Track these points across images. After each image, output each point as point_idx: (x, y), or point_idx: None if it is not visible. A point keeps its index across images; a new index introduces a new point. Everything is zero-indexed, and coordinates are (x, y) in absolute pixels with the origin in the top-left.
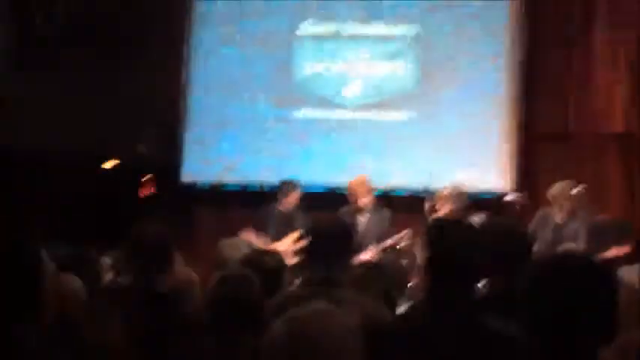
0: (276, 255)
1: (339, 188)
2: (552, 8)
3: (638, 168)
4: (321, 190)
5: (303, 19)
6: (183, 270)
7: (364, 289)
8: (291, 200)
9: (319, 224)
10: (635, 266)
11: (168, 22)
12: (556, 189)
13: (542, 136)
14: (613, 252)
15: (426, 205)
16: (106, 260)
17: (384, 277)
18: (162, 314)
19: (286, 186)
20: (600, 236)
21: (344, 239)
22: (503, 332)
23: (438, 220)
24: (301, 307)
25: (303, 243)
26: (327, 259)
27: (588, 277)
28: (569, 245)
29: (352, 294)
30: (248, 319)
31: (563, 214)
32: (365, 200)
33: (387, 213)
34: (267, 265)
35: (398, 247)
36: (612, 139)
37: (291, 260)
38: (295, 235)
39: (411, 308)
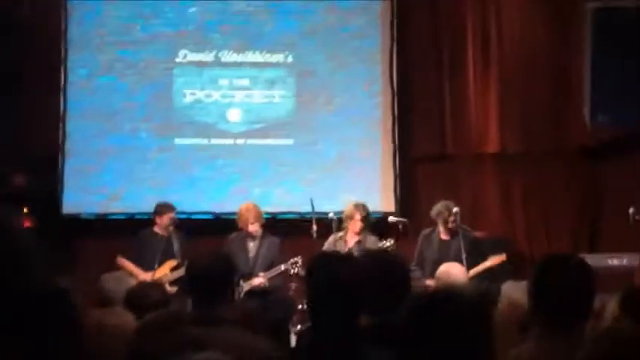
0: (160, 287)
1: (224, 214)
2: (424, 33)
3: (514, 186)
4: (206, 217)
5: (182, 47)
6: None
7: (250, 326)
8: (166, 221)
9: (198, 261)
10: (521, 283)
11: (44, 50)
12: (438, 208)
13: (420, 158)
14: (490, 262)
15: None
16: None
17: (271, 309)
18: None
19: (160, 207)
20: (479, 250)
21: (224, 276)
22: None
23: (320, 253)
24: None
25: (180, 272)
26: (209, 297)
27: (460, 311)
28: (453, 261)
29: (237, 332)
30: None
31: (446, 232)
32: (254, 227)
33: (276, 240)
34: (152, 299)
35: (289, 274)
36: (488, 159)
37: (169, 289)
38: (172, 262)
39: (297, 338)
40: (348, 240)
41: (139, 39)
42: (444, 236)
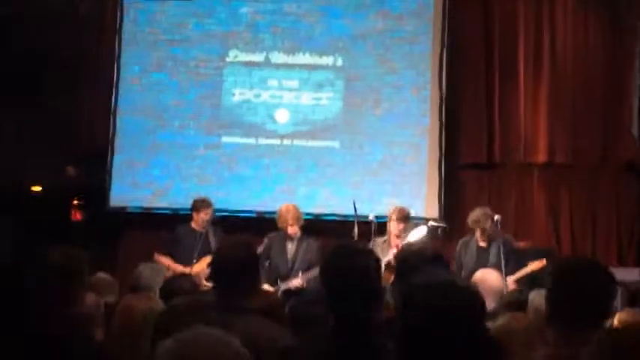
0: (190, 279)
1: (268, 213)
2: (475, 39)
3: (560, 197)
4: (250, 215)
5: (233, 46)
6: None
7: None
8: (202, 217)
9: (223, 250)
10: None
11: (98, 46)
12: (475, 215)
13: (466, 166)
14: (529, 267)
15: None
16: None
17: (304, 305)
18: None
19: (197, 203)
20: (518, 258)
21: (248, 266)
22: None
23: (336, 247)
24: (189, 330)
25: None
26: (232, 286)
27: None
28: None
29: (258, 321)
30: None
31: (484, 239)
32: (293, 229)
33: (314, 242)
34: (183, 290)
35: None
36: (535, 169)
37: (205, 282)
38: (209, 258)
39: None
40: (392, 243)
41: (191, 37)
42: (481, 243)
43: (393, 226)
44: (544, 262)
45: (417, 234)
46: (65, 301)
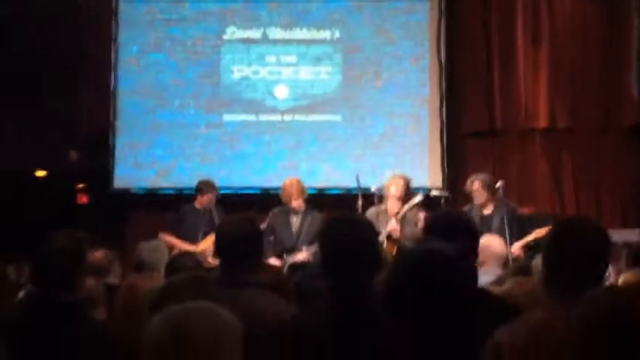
0: (194, 257)
1: (272, 189)
2: (473, 7)
3: (563, 162)
4: (254, 192)
5: (230, 24)
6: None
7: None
8: (206, 200)
9: (226, 225)
10: None
11: (95, 28)
12: (468, 181)
13: (468, 134)
14: (534, 234)
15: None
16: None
17: (310, 278)
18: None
19: (202, 185)
20: (522, 225)
21: (251, 240)
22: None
23: (333, 218)
24: (180, 304)
25: None
26: (235, 261)
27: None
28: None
29: (261, 295)
30: None
31: (488, 206)
32: (297, 202)
33: (318, 215)
34: (187, 267)
35: None
36: (537, 135)
37: (211, 260)
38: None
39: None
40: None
41: (188, 16)
42: (485, 211)
43: (392, 190)
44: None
45: (412, 202)
46: (66, 285)
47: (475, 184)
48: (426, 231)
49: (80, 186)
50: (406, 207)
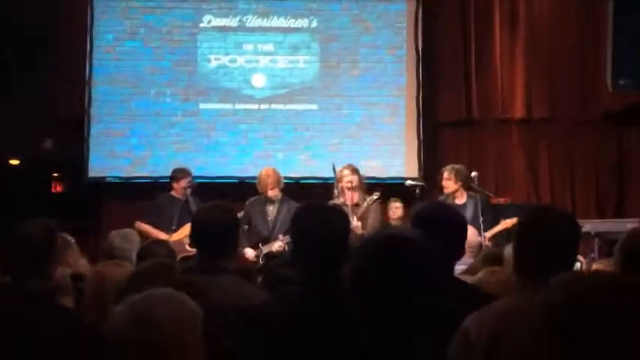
0: (166, 245)
1: (248, 178)
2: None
3: (539, 152)
4: (230, 182)
5: (206, 12)
6: (75, 264)
7: (249, 277)
8: (182, 185)
9: (202, 213)
10: None
11: (70, 15)
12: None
13: (445, 124)
14: (502, 225)
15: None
16: None
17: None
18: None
19: (176, 173)
20: (496, 214)
21: (227, 228)
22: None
23: (305, 205)
24: (144, 292)
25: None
26: (212, 248)
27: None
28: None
29: (236, 282)
30: None
31: (461, 196)
32: (273, 192)
33: (295, 205)
34: (158, 256)
35: None
36: (514, 125)
37: (187, 249)
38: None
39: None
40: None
41: (164, 4)
42: (458, 201)
43: (347, 179)
44: (516, 220)
45: (370, 199)
46: (37, 273)
47: (445, 174)
48: (414, 223)
49: (55, 175)
50: (365, 204)
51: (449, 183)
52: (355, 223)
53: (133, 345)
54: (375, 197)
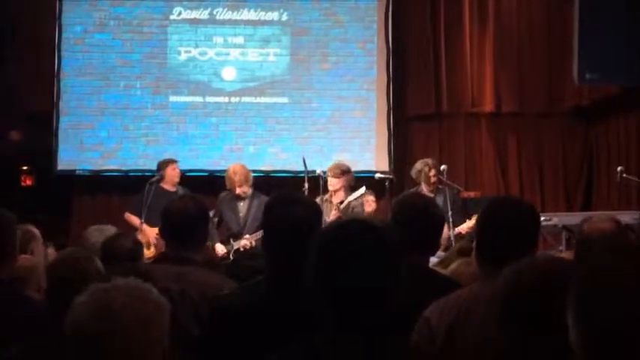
0: (132, 237)
1: (218, 171)
2: None
3: (508, 146)
4: (201, 175)
5: (176, 4)
6: (27, 256)
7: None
8: (171, 172)
9: (172, 204)
10: None
11: (37, 6)
12: (417, 167)
13: (415, 117)
14: (473, 220)
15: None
16: None
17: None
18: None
19: (162, 163)
20: (465, 207)
21: (196, 219)
22: None
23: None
24: (106, 282)
25: None
26: (181, 239)
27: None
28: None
29: (202, 272)
30: None
31: (430, 190)
32: (242, 189)
33: (266, 199)
34: (124, 249)
35: None
36: (483, 119)
37: None
38: None
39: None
40: (334, 201)
41: None
42: (427, 194)
43: (330, 183)
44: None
45: (356, 194)
46: None
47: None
48: (393, 216)
49: (24, 168)
50: (350, 198)
51: (426, 178)
52: (332, 216)
53: (91, 335)
54: (359, 194)
